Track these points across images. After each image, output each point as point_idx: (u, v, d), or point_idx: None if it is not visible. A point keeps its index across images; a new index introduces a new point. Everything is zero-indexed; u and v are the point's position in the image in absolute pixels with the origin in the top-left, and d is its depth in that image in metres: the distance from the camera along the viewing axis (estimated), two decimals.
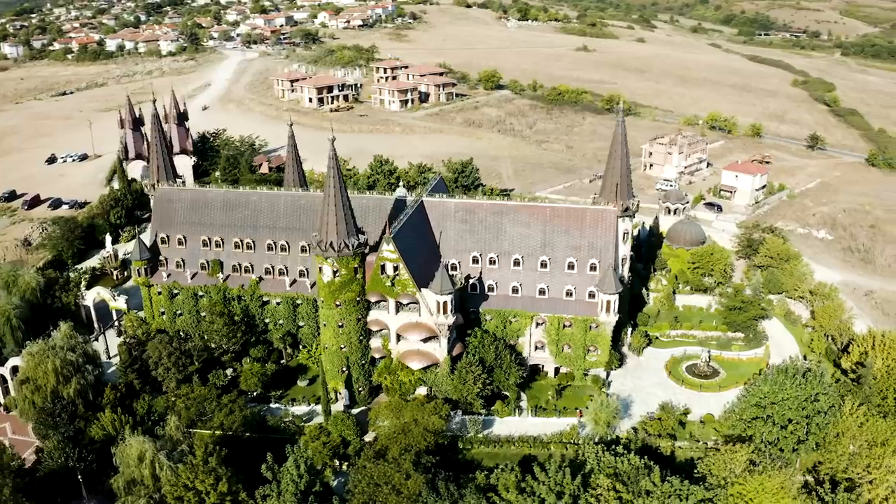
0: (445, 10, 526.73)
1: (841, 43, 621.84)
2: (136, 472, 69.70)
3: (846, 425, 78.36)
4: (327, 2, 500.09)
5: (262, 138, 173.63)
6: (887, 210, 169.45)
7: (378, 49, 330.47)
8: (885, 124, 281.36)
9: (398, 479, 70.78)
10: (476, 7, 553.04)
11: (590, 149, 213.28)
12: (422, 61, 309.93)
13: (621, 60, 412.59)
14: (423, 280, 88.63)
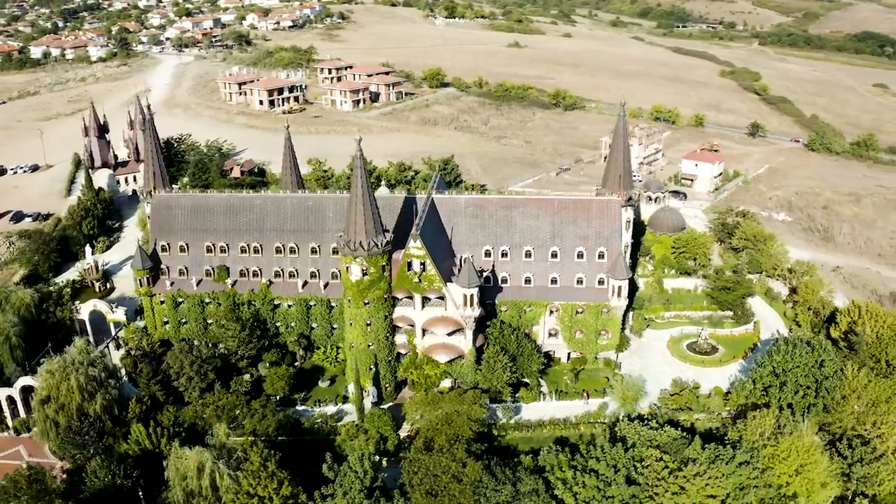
0: (371, 9, 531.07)
1: (757, 33, 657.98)
2: (195, 484, 70.39)
3: (851, 387, 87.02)
4: (251, 3, 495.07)
5: (229, 142, 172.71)
6: (835, 192, 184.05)
7: (316, 50, 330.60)
8: (813, 110, 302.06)
9: (455, 468, 74.58)
10: (401, 6, 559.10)
11: (547, 143, 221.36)
12: (358, 61, 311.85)
13: (554, 56, 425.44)
14: (443, 275, 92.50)
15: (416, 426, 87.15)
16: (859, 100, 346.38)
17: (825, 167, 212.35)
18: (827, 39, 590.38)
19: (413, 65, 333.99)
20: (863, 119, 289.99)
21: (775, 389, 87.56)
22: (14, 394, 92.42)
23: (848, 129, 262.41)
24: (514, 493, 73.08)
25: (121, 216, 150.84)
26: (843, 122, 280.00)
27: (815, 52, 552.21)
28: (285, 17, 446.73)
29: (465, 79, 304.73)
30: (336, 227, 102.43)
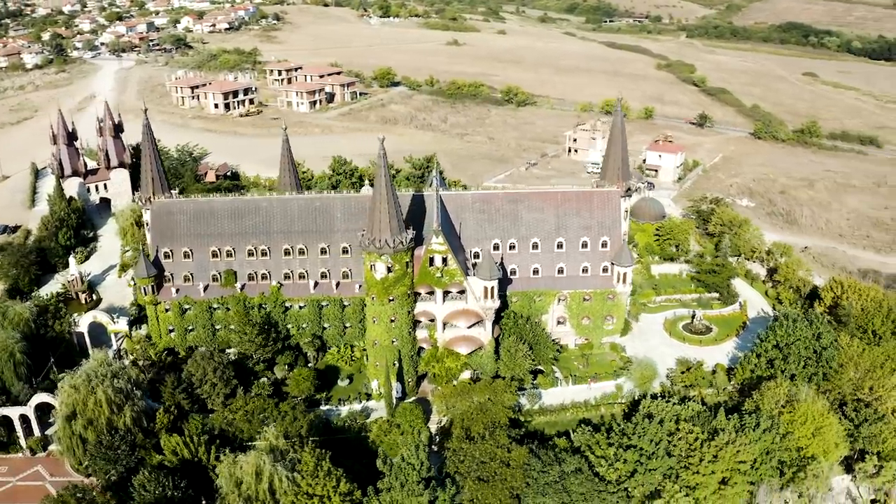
0: (304, 9, 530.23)
1: (684, 26, 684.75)
2: (252, 490, 71.54)
3: (847, 356, 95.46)
4: (180, 6, 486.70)
5: (199, 147, 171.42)
6: (789, 177, 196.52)
7: (260, 52, 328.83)
8: (750, 100, 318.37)
9: (502, 454, 78.71)
10: (333, 6, 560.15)
11: (509, 139, 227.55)
12: (301, 62, 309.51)
13: (493, 53, 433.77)
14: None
15: (448, 417, 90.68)
16: (792, 88, 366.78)
17: (774, 154, 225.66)
18: (752, 31, 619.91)
19: (357, 65, 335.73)
20: (799, 107, 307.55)
21: (780, 361, 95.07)
22: (28, 412, 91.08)
23: (786, 118, 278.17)
24: (560, 473, 77.73)
25: (94, 225, 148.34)
26: (780, 110, 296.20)
27: (742, 44, 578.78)
28: (221, 19, 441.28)
29: (412, 78, 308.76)
30: (345, 226, 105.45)
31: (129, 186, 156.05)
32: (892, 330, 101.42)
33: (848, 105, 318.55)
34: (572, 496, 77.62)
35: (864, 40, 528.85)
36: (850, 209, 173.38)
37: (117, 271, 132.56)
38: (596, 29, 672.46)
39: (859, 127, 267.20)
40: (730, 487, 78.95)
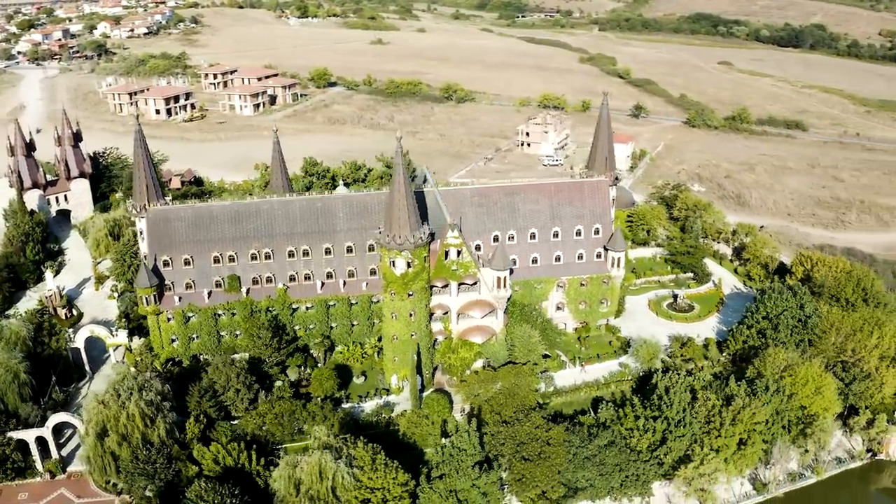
0: (220, 12, 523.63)
1: (596, 19, 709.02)
2: (315, 489, 73.28)
3: (829, 322, 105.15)
4: (92, 12, 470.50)
5: (160, 153, 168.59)
6: (730, 162, 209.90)
7: (188, 56, 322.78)
8: (675, 90, 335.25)
9: (541, 433, 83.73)
10: (249, 7, 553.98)
11: (459, 135, 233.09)
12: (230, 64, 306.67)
13: (418, 51, 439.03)
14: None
15: (475, 404, 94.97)
16: (711, 77, 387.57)
17: (709, 141, 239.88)
18: (663, 22, 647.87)
19: (287, 66, 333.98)
20: (722, 95, 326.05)
21: (771, 331, 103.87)
22: (46, 434, 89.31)
23: (713, 106, 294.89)
24: (596, 447, 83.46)
25: (57, 239, 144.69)
26: (706, 98, 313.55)
27: (654, 35, 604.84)
28: (139, 24, 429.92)
29: (347, 78, 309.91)
30: (347, 226, 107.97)
31: (89, 197, 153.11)
32: (862, 297, 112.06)
33: (767, 91, 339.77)
34: (609, 468, 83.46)
35: (772, 28, 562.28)
36: (792, 190, 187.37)
37: (94, 284, 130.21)
38: (510, 25, 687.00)
39: (781, 112, 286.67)
40: (748, 447, 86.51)
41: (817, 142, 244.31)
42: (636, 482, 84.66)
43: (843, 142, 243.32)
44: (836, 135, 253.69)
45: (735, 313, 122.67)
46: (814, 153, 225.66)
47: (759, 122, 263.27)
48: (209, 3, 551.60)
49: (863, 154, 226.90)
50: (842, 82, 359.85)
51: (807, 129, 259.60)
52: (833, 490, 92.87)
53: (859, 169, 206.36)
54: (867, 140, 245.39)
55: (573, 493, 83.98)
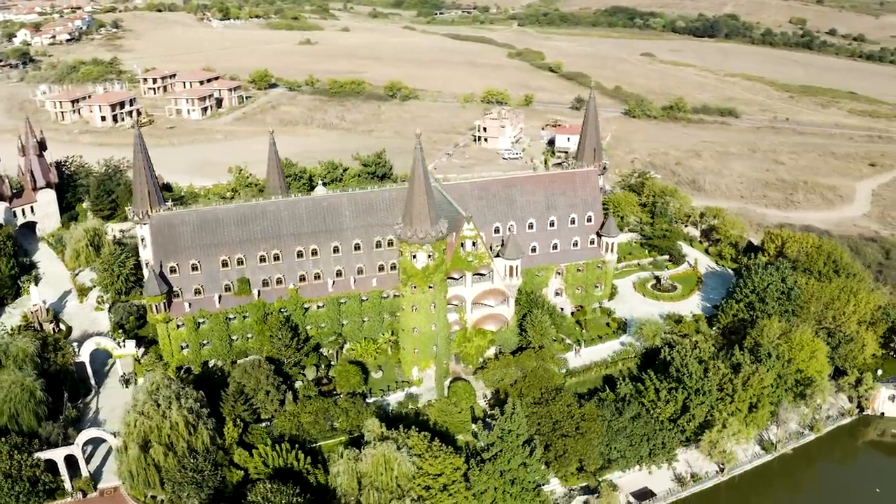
0: (139, 16, 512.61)
1: (514, 14, 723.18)
2: (381, 480, 75.94)
3: (809, 293, 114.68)
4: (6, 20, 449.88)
5: (126, 160, 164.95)
6: (677, 150, 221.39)
7: (121, 61, 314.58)
8: (605, 82, 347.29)
9: (575, 410, 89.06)
10: (166, 10, 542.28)
11: (413, 130, 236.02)
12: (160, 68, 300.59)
13: (348, 50, 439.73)
14: None
15: (499, 389, 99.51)
16: (636, 69, 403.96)
17: (652, 131, 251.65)
18: (580, 16, 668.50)
19: (220, 68, 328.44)
20: (652, 85, 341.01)
21: (758, 304, 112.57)
22: (76, 451, 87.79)
23: (646, 96, 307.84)
24: (626, 420, 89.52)
25: (26, 252, 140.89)
26: (638, 89, 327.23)
27: (572, 29, 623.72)
28: (60, 30, 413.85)
29: (284, 78, 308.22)
30: (354, 224, 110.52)
31: (56, 208, 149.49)
32: (833, 269, 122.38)
33: (693, 81, 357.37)
34: (637, 438, 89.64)
35: (687, 19, 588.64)
36: (739, 174, 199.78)
37: (77, 297, 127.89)
38: (430, 22, 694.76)
39: (710, 100, 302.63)
40: (759, 410, 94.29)
41: (751, 127, 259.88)
42: (662, 450, 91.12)
43: (775, 126, 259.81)
44: (767, 120, 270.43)
45: (714, 291, 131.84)
46: (750, 138, 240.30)
47: (695, 110, 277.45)
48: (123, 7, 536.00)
49: (795, 137, 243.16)
50: (761, 70, 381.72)
51: (739, 115, 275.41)
52: (829, 445, 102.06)
53: (796, 152, 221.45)
54: (797, 124, 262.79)
55: (608, 464, 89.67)
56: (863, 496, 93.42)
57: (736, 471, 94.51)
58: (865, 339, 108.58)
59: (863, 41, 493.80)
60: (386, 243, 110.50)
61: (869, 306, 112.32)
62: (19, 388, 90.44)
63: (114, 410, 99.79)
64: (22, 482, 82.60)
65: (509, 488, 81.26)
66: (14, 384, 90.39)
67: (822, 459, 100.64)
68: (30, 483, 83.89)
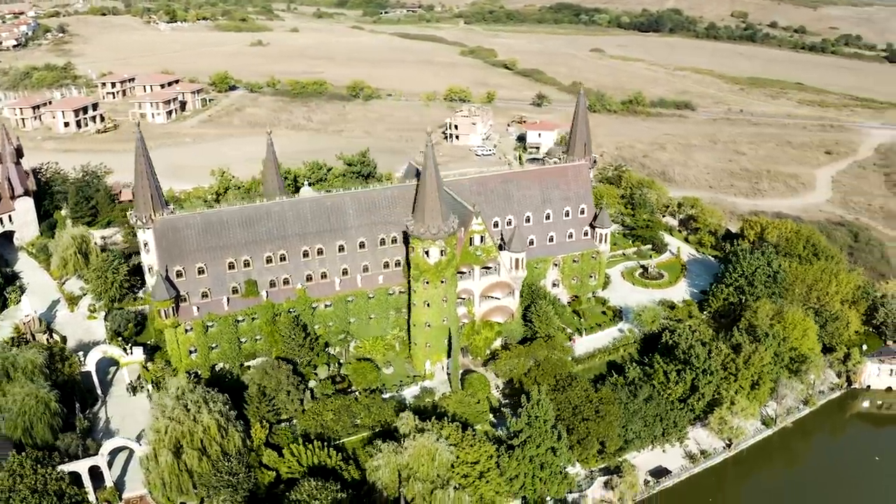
0: (84, 20, 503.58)
1: (460, 13, 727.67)
2: (422, 471, 77.65)
3: (794, 276, 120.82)
4: None
5: (104, 166, 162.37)
6: (641, 143, 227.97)
7: (75, 66, 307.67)
8: (562, 78, 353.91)
9: (593, 395, 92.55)
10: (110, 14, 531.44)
11: (382, 131, 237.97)
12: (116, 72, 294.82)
13: (300, 50, 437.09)
14: None
15: (512, 378, 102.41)
16: (587, 64, 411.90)
17: (613, 125, 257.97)
18: (526, 13, 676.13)
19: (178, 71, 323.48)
20: (606, 81, 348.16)
21: (748, 287, 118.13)
22: (101, 462, 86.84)
23: (602, 91, 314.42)
24: (641, 401, 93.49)
25: (7, 262, 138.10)
26: (594, 84, 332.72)
27: (519, 26, 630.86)
28: (6, 35, 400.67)
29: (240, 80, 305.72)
30: (358, 222, 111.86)
31: (34, 216, 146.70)
32: (812, 252, 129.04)
33: (644, 76, 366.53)
34: (651, 418, 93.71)
35: (631, 15, 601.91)
36: (704, 164, 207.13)
37: (68, 306, 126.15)
38: (376, 21, 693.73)
39: (664, 94, 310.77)
40: (761, 386, 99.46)
41: (708, 120, 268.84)
42: (675, 429, 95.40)
43: (730, 118, 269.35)
44: (723, 112, 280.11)
45: (698, 277, 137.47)
46: (709, 130, 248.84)
47: (652, 104, 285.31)
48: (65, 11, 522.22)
49: (751, 128, 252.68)
50: (709, 63, 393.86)
51: (695, 108, 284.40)
52: (823, 417, 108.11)
53: (754, 142, 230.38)
54: (751, 115, 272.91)
55: (626, 445, 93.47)
56: (860, 463, 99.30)
57: (741, 445, 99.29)
58: (849, 316, 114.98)
59: (804, 33, 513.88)
60: (390, 241, 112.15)
61: (849, 286, 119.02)
62: (34, 400, 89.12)
63: (124, 419, 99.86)
64: (49, 496, 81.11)
65: (539, 472, 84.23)
66: (28, 396, 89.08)
67: (818, 431, 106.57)
68: (56, 497, 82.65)
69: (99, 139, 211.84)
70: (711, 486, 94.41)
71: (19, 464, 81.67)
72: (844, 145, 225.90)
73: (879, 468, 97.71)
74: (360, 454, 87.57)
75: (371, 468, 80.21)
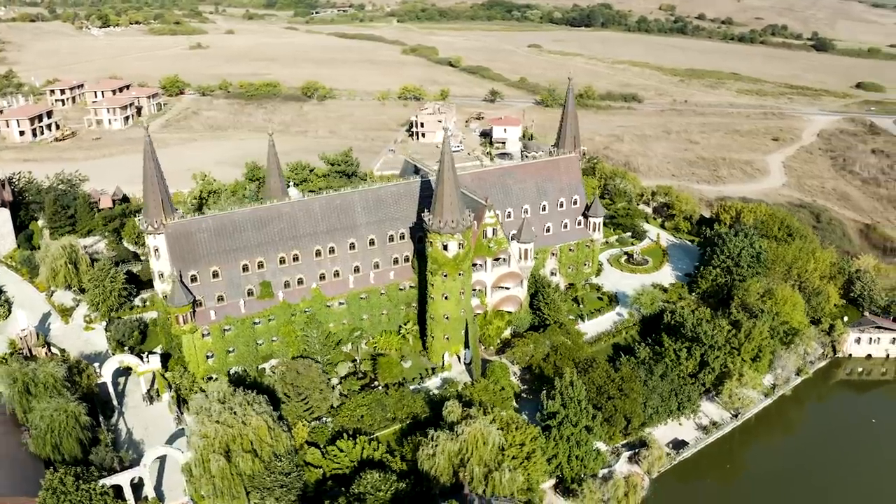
0: (14, 27, 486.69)
1: (392, 11, 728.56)
2: (477, 455, 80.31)
3: (775, 255, 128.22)
4: None
5: (79, 173, 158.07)
6: (599, 135, 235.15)
7: (16, 74, 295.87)
8: (508, 75, 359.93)
9: (614, 374, 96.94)
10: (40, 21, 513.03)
11: (346, 130, 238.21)
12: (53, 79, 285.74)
13: (244, 52, 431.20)
14: None
15: (534, 364, 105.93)
16: (528, 60, 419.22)
17: None
18: (458, 10, 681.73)
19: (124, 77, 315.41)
20: (549, 76, 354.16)
21: (734, 267, 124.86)
22: (144, 473, 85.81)
23: (545, 86, 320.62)
24: (657, 378, 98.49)
25: None
26: (539, 80, 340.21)
27: (453, 24, 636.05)
28: None
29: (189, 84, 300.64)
30: (366, 220, 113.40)
31: (10, 227, 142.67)
32: (787, 233, 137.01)
33: (586, 70, 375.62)
34: (667, 394, 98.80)
35: (562, 10, 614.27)
36: (663, 154, 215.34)
37: (61, 318, 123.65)
38: (309, 21, 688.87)
39: (608, 87, 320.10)
40: (762, 359, 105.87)
41: (656, 111, 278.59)
42: (689, 402, 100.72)
43: (677, 109, 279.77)
44: (668, 103, 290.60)
45: (680, 261, 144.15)
46: (660, 121, 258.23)
47: (601, 97, 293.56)
48: None
49: (698, 118, 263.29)
50: (644, 56, 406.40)
51: (642, 101, 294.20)
52: (815, 384, 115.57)
53: (704, 131, 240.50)
54: (695, 106, 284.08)
55: (646, 421, 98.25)
56: (852, 425, 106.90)
57: (747, 415, 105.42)
58: (829, 291, 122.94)
59: (731, 24, 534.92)
60: (398, 237, 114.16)
61: (826, 263, 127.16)
62: (63, 414, 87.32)
63: (147, 429, 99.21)
64: None
65: (576, 451, 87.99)
66: (57, 411, 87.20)
67: (812, 397, 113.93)
68: None
69: (59, 147, 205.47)
70: (724, 453, 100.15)
71: (60, 481, 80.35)
72: (789, 132, 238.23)
73: (872, 428, 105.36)
74: (405, 446, 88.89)
75: (424, 457, 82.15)
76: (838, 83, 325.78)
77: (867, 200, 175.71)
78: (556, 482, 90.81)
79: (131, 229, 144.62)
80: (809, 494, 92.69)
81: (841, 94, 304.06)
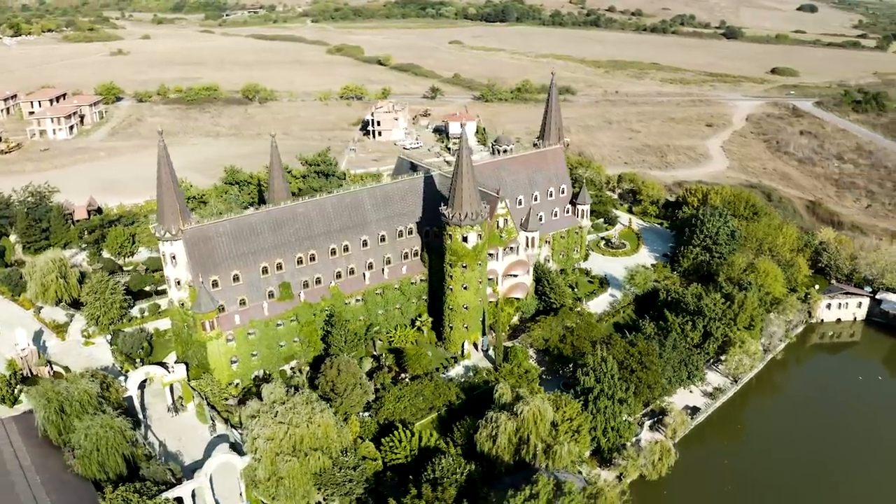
0: None
1: (306, 11, 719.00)
2: (536, 431, 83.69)
3: (747, 232, 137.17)
4: None
5: (49, 185, 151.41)
6: None
7: None
8: (439, 71, 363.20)
9: (633, 350, 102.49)
10: None
11: (299, 131, 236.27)
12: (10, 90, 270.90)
13: (168, 57, 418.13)
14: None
15: (551, 346, 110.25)
16: (453, 56, 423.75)
17: (511, 112, 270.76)
18: (372, 9, 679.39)
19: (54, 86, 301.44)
20: (479, 70, 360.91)
21: (713, 246, 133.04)
22: (205, 482, 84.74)
23: (481, 81, 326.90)
24: (669, 350, 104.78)
25: None
26: (472, 75, 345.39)
27: (368, 22, 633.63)
28: None
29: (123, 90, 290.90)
30: (376, 216, 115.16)
31: None
32: (752, 212, 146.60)
33: (512, 64, 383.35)
34: (678, 364, 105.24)
35: (476, 6, 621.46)
36: (611, 144, 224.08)
37: (56, 334, 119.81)
38: (222, 24, 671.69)
39: (539, 81, 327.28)
40: (754, 327, 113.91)
41: (591, 102, 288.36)
42: (697, 371, 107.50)
43: (610, 99, 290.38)
44: (600, 94, 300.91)
45: (654, 243, 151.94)
46: (597, 112, 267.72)
47: (537, 90, 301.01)
48: None
49: (633, 108, 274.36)
50: (565, 49, 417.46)
51: (576, 93, 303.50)
52: (797, 348, 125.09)
53: (642, 120, 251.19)
54: (626, 96, 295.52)
55: (663, 391, 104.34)
56: (841, 380, 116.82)
57: (745, 379, 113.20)
58: (800, 263, 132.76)
59: (641, 15, 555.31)
60: (407, 232, 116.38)
61: (793, 237, 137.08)
62: (109, 431, 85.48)
63: (180, 439, 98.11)
64: None
65: (612, 422, 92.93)
66: (102, 428, 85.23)
67: (799, 359, 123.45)
68: None
69: (7, 160, 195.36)
70: (731, 416, 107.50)
71: (123, 499, 79.18)
72: (719, 118, 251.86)
73: (858, 384, 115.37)
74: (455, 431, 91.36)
75: (483, 438, 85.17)
76: (754, 69, 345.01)
77: (807, 179, 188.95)
78: (589, 453, 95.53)
79: (113, 240, 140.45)
80: (813, 447, 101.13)
81: (759, 79, 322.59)
